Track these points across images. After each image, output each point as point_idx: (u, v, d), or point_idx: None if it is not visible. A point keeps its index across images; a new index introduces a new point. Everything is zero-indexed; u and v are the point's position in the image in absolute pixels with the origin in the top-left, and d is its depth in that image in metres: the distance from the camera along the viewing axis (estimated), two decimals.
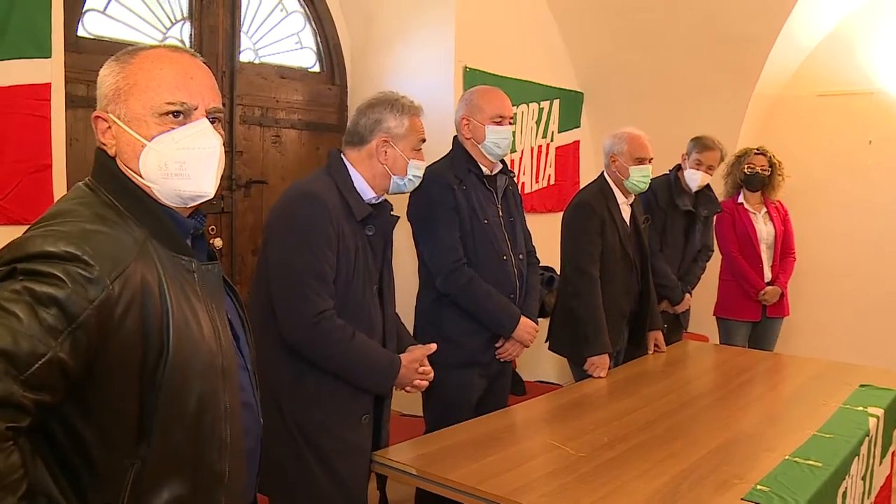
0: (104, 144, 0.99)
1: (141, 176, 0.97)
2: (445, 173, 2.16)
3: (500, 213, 2.24)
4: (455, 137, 2.29)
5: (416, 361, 1.66)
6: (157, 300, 0.91)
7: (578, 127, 4.30)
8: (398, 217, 1.74)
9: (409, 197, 2.20)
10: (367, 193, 1.66)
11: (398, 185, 1.70)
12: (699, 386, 2.32)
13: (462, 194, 2.14)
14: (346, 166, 1.66)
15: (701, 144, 3.00)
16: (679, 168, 3.05)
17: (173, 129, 0.97)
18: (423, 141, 1.71)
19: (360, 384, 1.58)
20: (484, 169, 2.23)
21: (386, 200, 1.72)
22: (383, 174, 1.67)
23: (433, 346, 1.70)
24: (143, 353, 0.88)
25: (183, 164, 0.96)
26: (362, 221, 1.61)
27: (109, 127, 0.98)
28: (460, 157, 2.21)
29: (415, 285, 2.29)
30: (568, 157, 4.23)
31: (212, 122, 1.00)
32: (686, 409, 2.00)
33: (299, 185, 1.63)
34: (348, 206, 1.59)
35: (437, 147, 2.34)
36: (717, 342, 3.31)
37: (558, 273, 2.90)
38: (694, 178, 2.97)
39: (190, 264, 0.99)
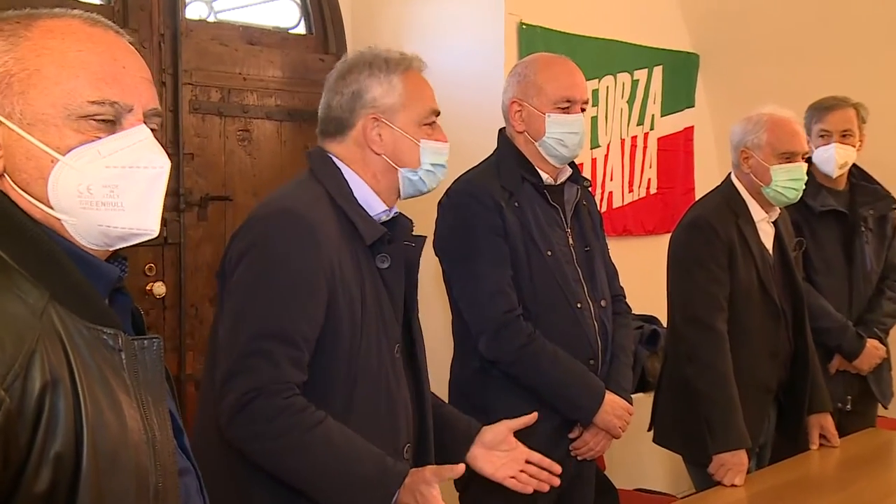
0: None
1: (48, 204, 0.97)
2: (488, 184, 2.20)
3: (571, 241, 2.26)
4: (502, 131, 2.32)
5: (440, 477, 1.53)
6: (68, 401, 0.88)
7: (692, 106, 4.31)
8: (424, 238, 1.76)
9: (436, 220, 2.25)
10: (376, 206, 1.68)
11: (412, 182, 1.71)
12: None
13: (514, 214, 2.17)
14: (337, 167, 1.68)
15: (819, 109, 2.93)
16: (808, 159, 2.99)
17: (99, 138, 0.97)
18: (437, 113, 1.73)
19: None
20: (545, 177, 2.25)
21: (402, 214, 1.75)
22: (386, 170, 1.69)
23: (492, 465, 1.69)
24: (52, 482, 0.86)
25: (114, 190, 0.97)
26: (372, 248, 1.63)
27: None
28: (510, 159, 2.24)
29: (447, 348, 2.31)
30: (677, 151, 4.24)
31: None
32: None
33: (273, 199, 1.64)
34: (352, 227, 1.61)
35: (481, 144, 2.38)
36: None
37: (665, 326, 2.89)
38: (828, 158, 2.88)
39: (115, 340, 0.97)
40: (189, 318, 3.21)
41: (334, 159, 1.69)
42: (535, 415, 1.75)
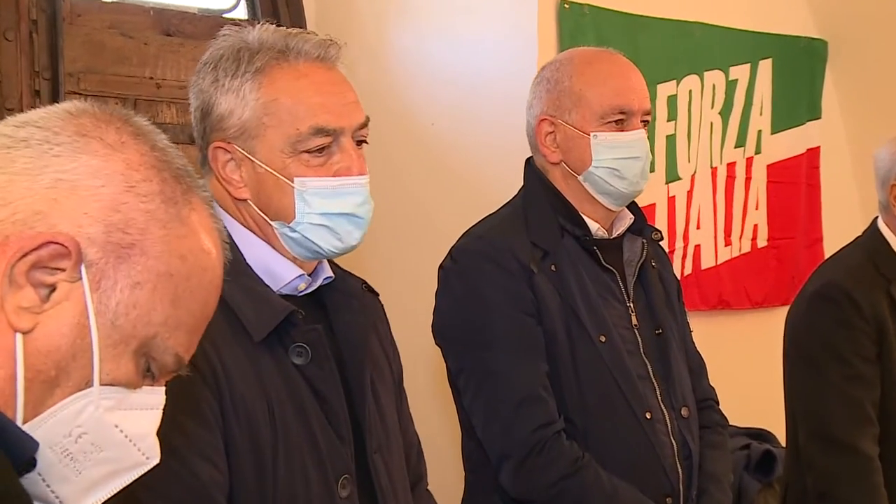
0: None
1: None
2: (511, 240, 2.23)
3: (635, 321, 2.28)
4: (530, 163, 2.36)
5: None
6: None
7: (817, 118, 4.34)
8: (376, 296, 1.81)
9: (436, 294, 2.27)
10: (284, 273, 1.69)
11: (294, 241, 1.68)
12: None
13: (549, 283, 2.19)
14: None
15: None
16: None
17: (139, 386, 1.06)
18: (329, 132, 1.65)
19: None
20: (594, 226, 2.28)
21: (348, 275, 1.79)
22: (263, 222, 1.70)
23: None
24: None
25: (92, 454, 1.04)
26: (277, 342, 1.62)
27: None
28: (542, 202, 2.28)
29: (457, 479, 2.32)
30: (796, 184, 4.26)
31: None
32: None
33: None
34: (235, 318, 1.60)
35: (505, 180, 2.40)
36: None
37: (783, 445, 2.88)
38: None
39: None
40: None
41: (216, 206, 1.69)
42: None
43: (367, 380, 1.72)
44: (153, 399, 1.07)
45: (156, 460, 1.09)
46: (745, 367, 3.02)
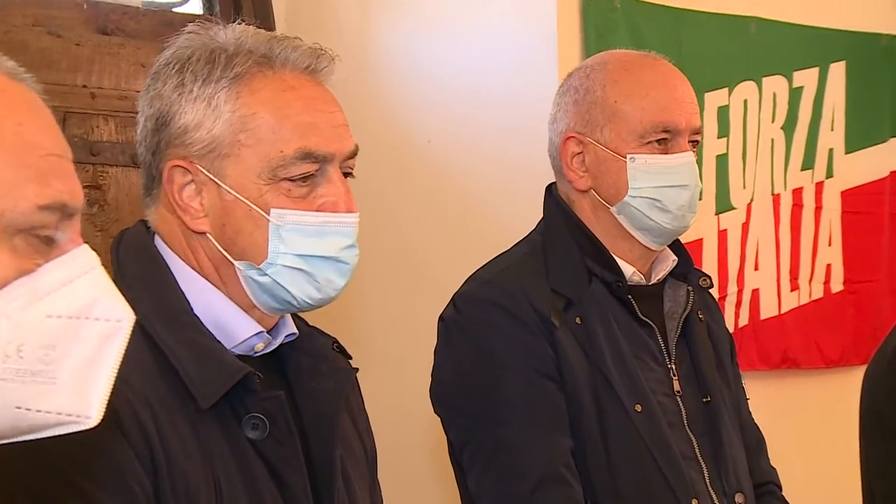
0: None
1: None
2: (527, 286, 2.25)
3: (678, 386, 2.30)
4: (550, 190, 2.40)
5: None
6: None
7: None
8: (353, 371, 1.82)
9: (435, 351, 2.29)
10: (238, 328, 1.70)
11: (262, 287, 1.68)
12: None
13: (573, 339, 2.22)
14: (156, 258, 1.71)
15: None
16: None
17: (37, 265, 1.08)
18: (313, 160, 1.66)
19: None
20: (629, 270, 2.31)
21: (315, 333, 1.82)
22: (222, 262, 1.70)
23: None
24: None
25: (50, 352, 1.07)
26: (229, 411, 1.63)
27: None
28: (565, 240, 2.31)
29: None
30: (878, 215, 4.29)
31: None
32: None
33: None
34: (178, 379, 1.59)
35: (519, 211, 2.39)
36: None
37: None
38: None
39: None
40: None
41: (158, 243, 1.73)
42: None
43: (337, 461, 1.72)
44: (75, 264, 1.09)
45: (130, 318, 1.12)
46: (816, 441, 3.02)
